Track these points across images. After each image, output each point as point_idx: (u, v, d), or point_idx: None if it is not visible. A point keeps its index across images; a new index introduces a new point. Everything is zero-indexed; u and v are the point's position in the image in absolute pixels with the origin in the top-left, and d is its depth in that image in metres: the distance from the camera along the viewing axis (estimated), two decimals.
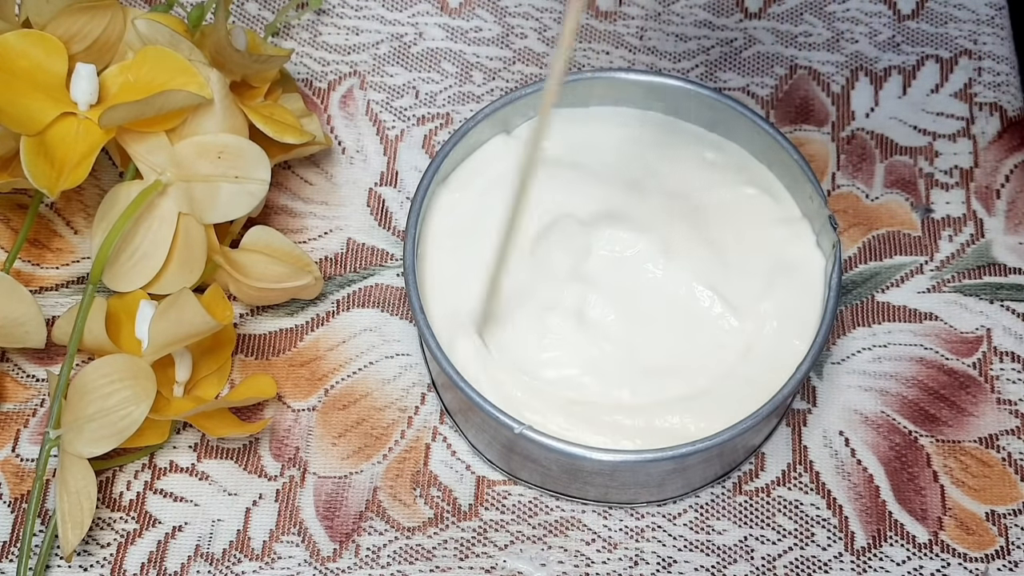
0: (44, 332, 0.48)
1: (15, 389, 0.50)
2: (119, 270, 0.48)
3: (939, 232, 0.53)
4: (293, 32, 0.58)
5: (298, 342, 0.51)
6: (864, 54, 0.57)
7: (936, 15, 0.58)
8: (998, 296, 0.52)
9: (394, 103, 0.56)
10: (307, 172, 0.55)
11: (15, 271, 0.52)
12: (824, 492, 0.48)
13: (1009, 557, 0.47)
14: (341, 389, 0.50)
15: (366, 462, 0.49)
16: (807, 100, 0.56)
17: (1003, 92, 0.56)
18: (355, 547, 0.47)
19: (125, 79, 0.48)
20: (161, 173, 0.48)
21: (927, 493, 0.48)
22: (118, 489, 0.48)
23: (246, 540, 0.47)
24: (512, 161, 0.50)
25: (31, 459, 0.49)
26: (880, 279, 0.52)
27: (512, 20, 0.58)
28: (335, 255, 0.53)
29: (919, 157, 0.55)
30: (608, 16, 0.58)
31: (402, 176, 0.55)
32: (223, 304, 0.49)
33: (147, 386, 0.45)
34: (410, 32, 0.58)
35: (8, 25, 0.48)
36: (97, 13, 0.49)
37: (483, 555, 0.47)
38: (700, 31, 0.58)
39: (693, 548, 0.47)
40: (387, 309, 0.52)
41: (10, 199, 0.53)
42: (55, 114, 0.47)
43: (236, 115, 0.49)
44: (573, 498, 0.48)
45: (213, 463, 0.49)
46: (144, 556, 0.47)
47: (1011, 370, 0.50)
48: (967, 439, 0.49)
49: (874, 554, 0.47)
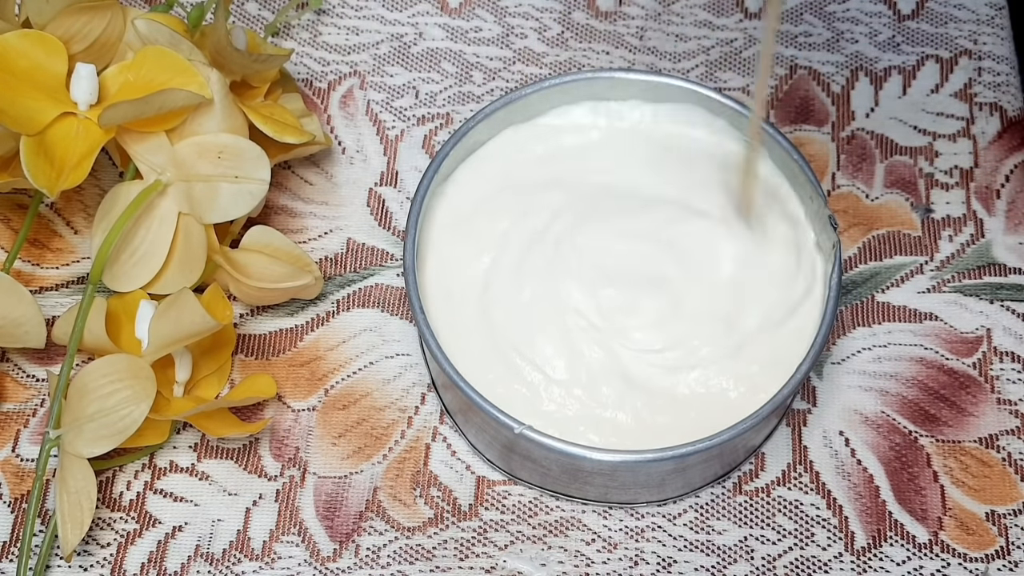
0: (44, 332, 0.48)
1: (15, 389, 0.50)
2: (119, 270, 0.48)
3: (939, 232, 0.53)
4: (293, 32, 0.58)
5: (298, 342, 0.51)
6: (864, 54, 0.57)
7: (936, 15, 0.58)
8: (998, 296, 0.52)
9: (394, 103, 0.56)
10: (307, 172, 0.55)
11: (15, 271, 0.52)
12: (824, 492, 0.48)
13: (1009, 557, 0.47)
14: (341, 389, 0.50)
15: (366, 462, 0.49)
16: (807, 100, 0.56)
17: (1003, 92, 0.56)
18: (355, 547, 0.47)
19: (125, 79, 0.48)
20: (161, 173, 0.48)
21: (927, 493, 0.48)
22: (118, 489, 0.48)
23: (246, 540, 0.48)
24: (511, 161, 0.50)
25: (31, 459, 0.49)
26: (880, 279, 0.52)
27: (512, 20, 0.58)
28: (335, 255, 0.53)
29: (919, 157, 0.55)
30: (608, 16, 0.58)
31: (402, 176, 0.55)
32: (223, 304, 0.49)
33: (147, 386, 0.45)
34: (410, 32, 0.58)
35: (8, 25, 0.48)
36: (97, 13, 0.49)
37: (483, 555, 0.47)
38: (700, 31, 0.58)
39: (693, 548, 0.47)
40: (387, 309, 0.52)
41: (10, 199, 0.53)
42: (55, 114, 0.47)
43: (236, 115, 0.49)
44: (573, 498, 0.48)
45: (213, 463, 0.49)
46: (144, 556, 0.47)
47: (1011, 370, 0.50)
48: (967, 439, 0.49)
49: (874, 554, 0.47)
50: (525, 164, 0.50)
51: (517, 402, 0.46)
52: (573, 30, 0.58)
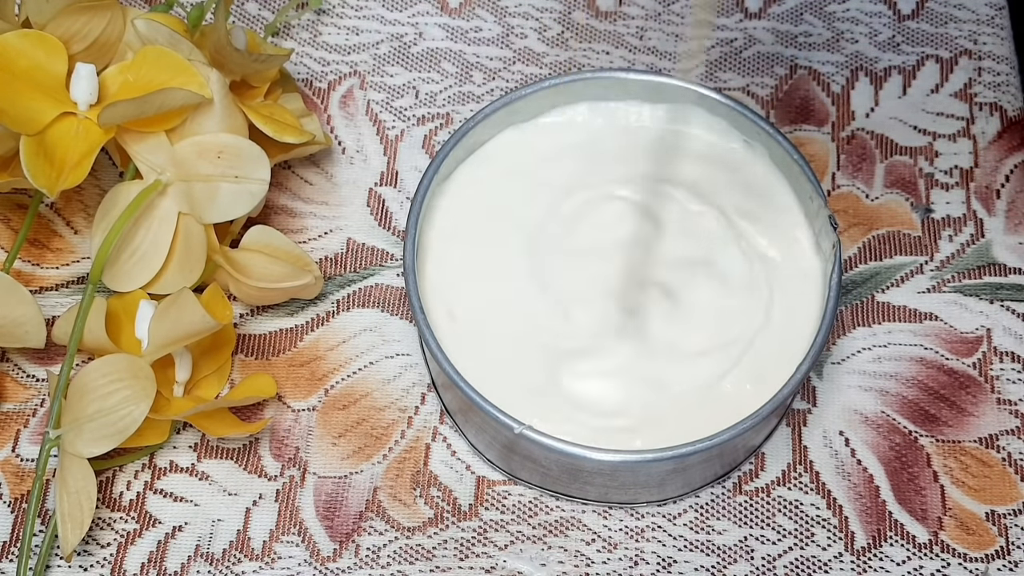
0: (44, 332, 0.48)
1: (15, 389, 0.50)
2: (119, 270, 0.48)
3: (939, 232, 0.53)
4: (293, 32, 0.58)
5: (298, 342, 0.51)
6: (864, 54, 0.57)
7: (936, 15, 0.58)
8: (998, 296, 0.52)
9: (394, 103, 0.56)
10: (307, 172, 0.55)
11: (15, 271, 0.52)
12: (824, 492, 0.48)
13: (1009, 557, 0.47)
14: (341, 389, 0.50)
15: (366, 462, 0.49)
16: (807, 100, 0.56)
17: (1003, 92, 0.56)
18: (355, 547, 0.47)
19: (125, 79, 0.48)
20: (161, 173, 0.48)
21: (927, 493, 0.48)
22: (118, 489, 0.48)
23: (246, 540, 0.47)
24: (511, 161, 0.50)
25: (31, 459, 0.49)
26: (880, 279, 0.52)
27: (512, 20, 0.58)
28: (335, 255, 0.53)
29: (919, 157, 0.55)
30: (608, 16, 0.58)
31: (402, 176, 0.55)
32: (223, 304, 0.49)
33: (147, 386, 0.45)
34: (410, 32, 0.58)
35: (8, 25, 0.48)
36: (97, 13, 0.49)
37: (483, 555, 0.47)
38: (700, 31, 0.58)
39: (693, 548, 0.47)
40: (387, 309, 0.52)
41: (10, 199, 0.53)
42: (55, 114, 0.47)
43: (236, 115, 0.49)
44: (573, 498, 0.48)
45: (213, 463, 0.49)
46: (144, 556, 0.47)
47: (1011, 370, 0.50)
48: (967, 439, 0.49)
49: (874, 554, 0.47)
50: (525, 164, 0.50)
51: (518, 401, 0.46)
52: (573, 30, 0.58)
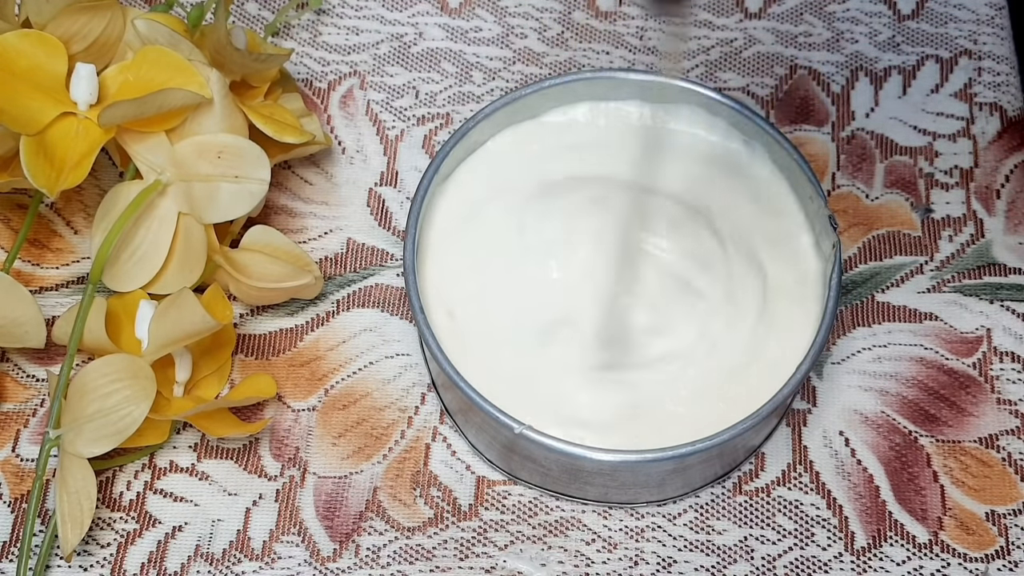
0: (44, 332, 0.48)
1: (15, 389, 0.50)
2: (119, 270, 0.48)
3: (939, 232, 0.53)
4: (293, 32, 0.58)
5: (298, 342, 0.51)
6: (864, 54, 0.57)
7: (936, 15, 0.58)
8: (998, 296, 0.52)
9: (394, 103, 0.56)
10: (307, 172, 0.55)
11: (15, 271, 0.52)
12: (824, 492, 0.48)
13: (1009, 557, 0.47)
14: (341, 389, 0.50)
15: (366, 462, 0.49)
16: (807, 100, 0.56)
17: (1003, 92, 0.56)
18: (355, 547, 0.47)
19: (125, 79, 0.48)
20: (161, 173, 0.48)
21: (927, 493, 0.48)
22: (118, 489, 0.48)
23: (246, 540, 0.47)
24: (511, 161, 0.50)
25: (31, 459, 0.49)
26: (880, 279, 0.52)
27: (512, 20, 0.58)
28: (335, 255, 0.53)
29: (919, 157, 0.55)
30: (608, 16, 0.58)
31: (402, 176, 0.55)
32: (223, 304, 0.49)
33: (147, 386, 0.45)
34: (410, 32, 0.58)
35: (8, 25, 0.48)
36: (97, 13, 0.49)
37: (483, 555, 0.47)
38: (700, 31, 0.58)
39: (693, 548, 0.47)
40: (387, 309, 0.52)
41: (10, 199, 0.53)
42: (55, 114, 0.47)
43: (236, 115, 0.49)
44: (573, 498, 0.48)
45: (213, 463, 0.49)
46: (144, 556, 0.47)
47: (1011, 370, 0.50)
48: (967, 439, 0.49)
49: (874, 554, 0.47)
50: (525, 164, 0.50)
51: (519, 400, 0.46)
52: (573, 30, 0.58)
